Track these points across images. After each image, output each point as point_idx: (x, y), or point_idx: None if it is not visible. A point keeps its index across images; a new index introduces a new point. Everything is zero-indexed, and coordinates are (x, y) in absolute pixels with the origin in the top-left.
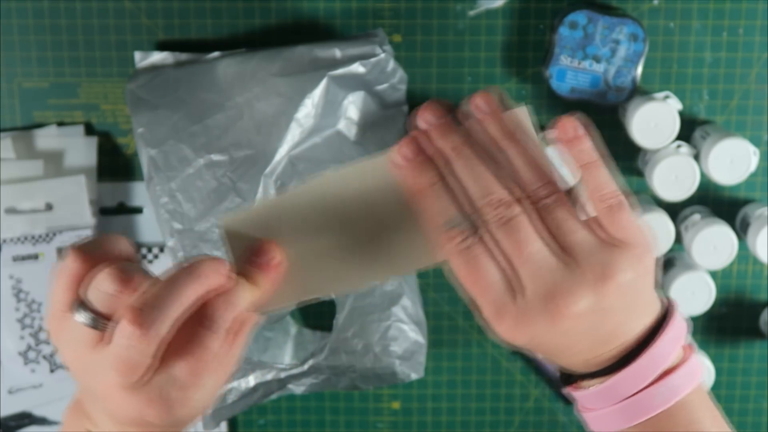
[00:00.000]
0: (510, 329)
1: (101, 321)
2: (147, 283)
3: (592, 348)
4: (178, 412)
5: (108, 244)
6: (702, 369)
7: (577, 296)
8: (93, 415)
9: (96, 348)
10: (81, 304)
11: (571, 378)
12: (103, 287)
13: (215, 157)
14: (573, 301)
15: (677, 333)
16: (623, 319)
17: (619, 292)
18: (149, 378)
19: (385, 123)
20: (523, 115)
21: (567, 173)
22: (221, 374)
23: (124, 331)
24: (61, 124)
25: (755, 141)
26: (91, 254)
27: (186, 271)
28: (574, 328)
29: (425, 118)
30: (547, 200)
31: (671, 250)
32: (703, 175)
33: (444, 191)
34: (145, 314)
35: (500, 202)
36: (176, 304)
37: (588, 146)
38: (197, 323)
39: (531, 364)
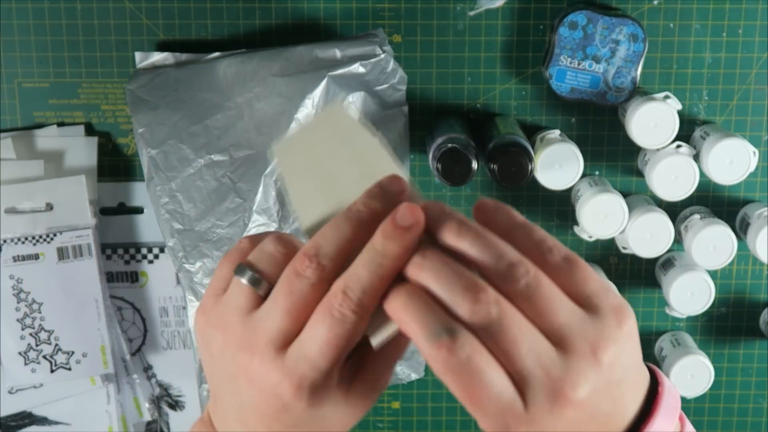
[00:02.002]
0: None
1: (259, 279)
2: None
3: None
4: (310, 395)
5: (275, 236)
6: None
7: (581, 379)
8: (224, 427)
9: (248, 315)
10: (244, 264)
11: None
12: (267, 248)
13: (215, 157)
14: (579, 385)
15: (671, 404)
16: (618, 395)
17: (608, 370)
18: (288, 343)
19: (385, 123)
20: (340, 114)
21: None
22: (358, 396)
23: (298, 262)
24: (61, 124)
25: (755, 141)
26: (258, 240)
27: (347, 211)
28: (579, 415)
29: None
30: (524, 282)
31: (670, 250)
32: (702, 175)
33: (421, 306)
34: (312, 249)
35: (480, 303)
36: (340, 244)
37: (509, 211)
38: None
39: None
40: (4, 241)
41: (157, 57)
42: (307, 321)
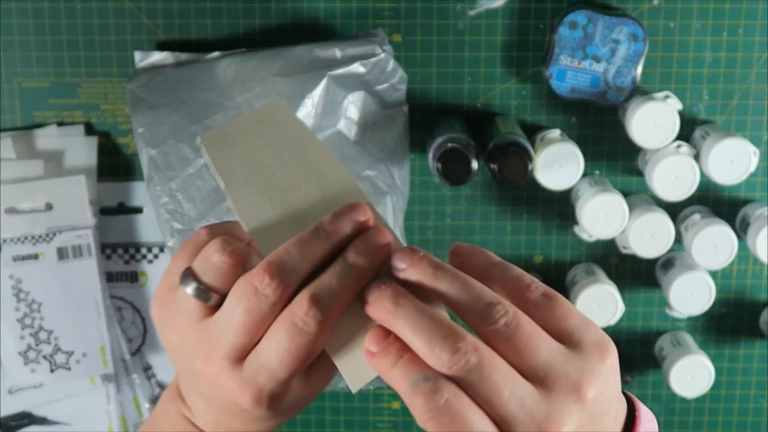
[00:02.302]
0: None
1: (206, 292)
2: (258, 259)
3: None
4: (269, 404)
5: (238, 228)
6: None
7: (567, 418)
8: (189, 401)
9: (201, 321)
10: (190, 274)
11: None
12: (213, 260)
13: None
14: (564, 424)
15: (649, 428)
16: (601, 427)
17: (592, 405)
18: (245, 355)
19: (385, 123)
20: (281, 108)
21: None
22: (317, 377)
23: (257, 279)
24: (61, 124)
25: (755, 141)
26: (218, 233)
27: (316, 230)
28: None
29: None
30: (503, 321)
31: (671, 250)
32: (703, 175)
33: (409, 357)
34: (276, 267)
35: (459, 352)
36: (306, 261)
37: (485, 252)
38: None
39: None
40: (4, 241)
41: (157, 57)
42: (264, 333)
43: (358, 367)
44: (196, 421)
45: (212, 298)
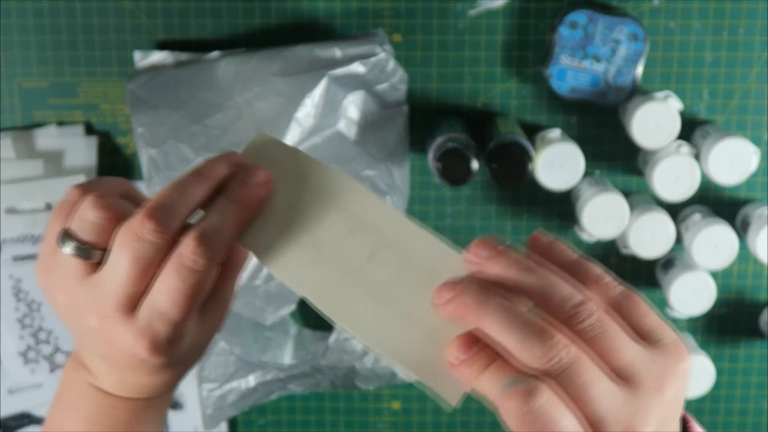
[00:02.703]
0: None
1: (87, 249)
2: (133, 209)
3: None
4: (167, 349)
5: (108, 182)
6: None
7: (651, 416)
8: (91, 366)
9: (87, 279)
10: (66, 234)
11: None
12: (87, 216)
13: None
14: (649, 423)
15: None
16: (672, 429)
17: (670, 405)
18: (136, 304)
19: (385, 123)
20: (266, 142)
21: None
22: (211, 316)
23: (138, 225)
24: (61, 123)
25: (755, 141)
26: (89, 190)
27: (194, 172)
28: None
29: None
30: (589, 322)
31: (671, 250)
32: (703, 175)
33: (499, 363)
34: (157, 211)
35: (553, 349)
36: (187, 203)
37: (563, 248)
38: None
39: None
40: (4, 241)
41: (157, 56)
42: (153, 279)
43: (447, 382)
44: (102, 386)
45: (94, 255)
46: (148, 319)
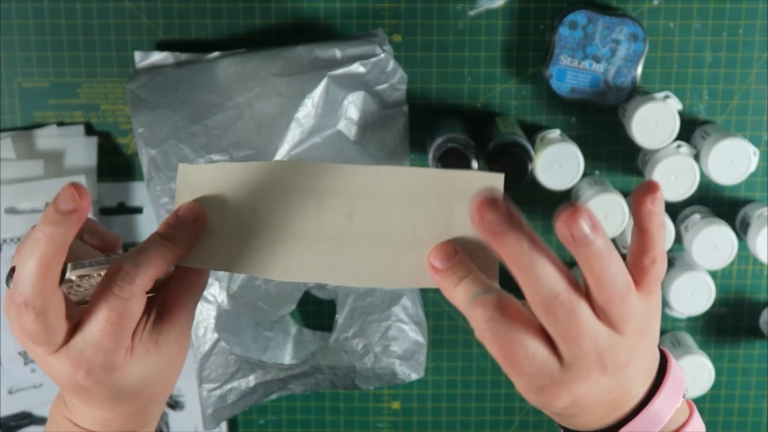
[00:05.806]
0: (554, 397)
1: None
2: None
3: (610, 404)
4: (109, 377)
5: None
6: (703, 427)
7: (624, 353)
8: (66, 400)
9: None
10: (10, 275)
11: None
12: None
13: (215, 157)
14: (618, 357)
15: (675, 386)
16: (635, 370)
17: (645, 341)
18: (66, 341)
19: (385, 123)
20: (190, 173)
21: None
22: (166, 345)
23: (17, 311)
24: (61, 124)
25: (755, 141)
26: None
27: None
28: (609, 384)
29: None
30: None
31: (671, 250)
32: (703, 175)
33: (474, 276)
34: (25, 297)
35: (562, 293)
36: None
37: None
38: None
39: None
40: (4, 241)
41: (157, 57)
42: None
43: (410, 271)
44: (77, 421)
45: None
46: (80, 348)
